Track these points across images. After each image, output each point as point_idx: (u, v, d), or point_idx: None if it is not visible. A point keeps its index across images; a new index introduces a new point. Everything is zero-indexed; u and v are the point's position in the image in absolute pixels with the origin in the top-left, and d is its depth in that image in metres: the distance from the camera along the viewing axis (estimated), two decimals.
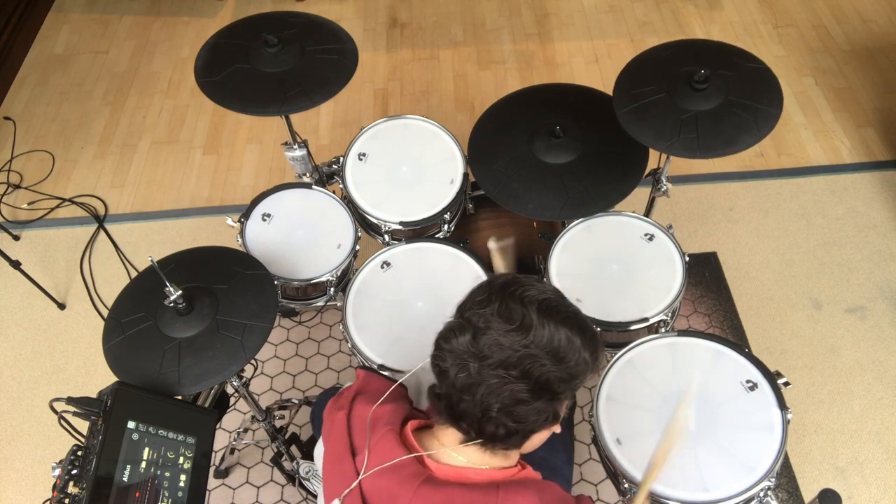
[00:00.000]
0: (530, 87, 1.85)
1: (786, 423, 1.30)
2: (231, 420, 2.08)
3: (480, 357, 0.88)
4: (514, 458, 0.99)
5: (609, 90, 1.63)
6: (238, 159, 2.80)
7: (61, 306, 2.39)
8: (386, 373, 1.47)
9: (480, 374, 0.88)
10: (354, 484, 0.95)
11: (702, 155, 1.46)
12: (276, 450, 1.82)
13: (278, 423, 1.82)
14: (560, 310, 0.91)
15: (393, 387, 1.07)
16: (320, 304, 1.75)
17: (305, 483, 1.44)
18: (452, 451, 0.96)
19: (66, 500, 1.02)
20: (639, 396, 1.38)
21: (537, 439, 0.97)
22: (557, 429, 0.98)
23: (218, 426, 1.99)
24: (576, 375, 0.91)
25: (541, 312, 0.89)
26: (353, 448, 0.99)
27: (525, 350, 0.87)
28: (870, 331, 2.20)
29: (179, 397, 1.26)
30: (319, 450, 1.08)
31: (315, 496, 1.68)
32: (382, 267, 1.65)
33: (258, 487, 1.98)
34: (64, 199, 2.70)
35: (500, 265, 1.42)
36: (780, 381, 1.36)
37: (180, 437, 1.18)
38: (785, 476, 1.92)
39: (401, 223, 1.74)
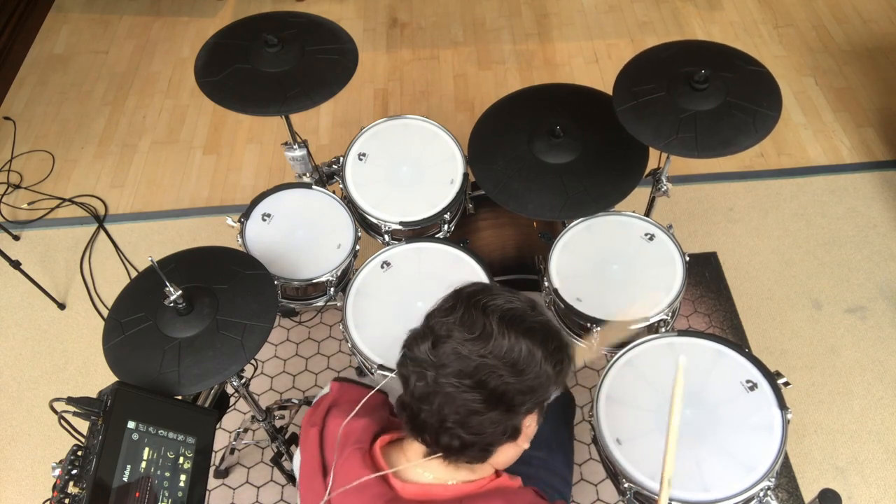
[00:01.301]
0: (530, 87, 1.85)
1: (786, 423, 1.30)
2: (231, 420, 2.08)
3: (438, 366, 0.87)
4: (481, 471, 0.96)
5: (609, 90, 1.63)
6: (238, 159, 2.80)
7: (61, 306, 2.39)
8: (385, 373, 1.47)
9: (437, 382, 0.86)
10: None
11: (699, 154, 1.46)
12: (276, 450, 1.82)
13: (278, 423, 1.82)
14: (524, 320, 0.89)
15: (367, 396, 1.05)
16: (320, 304, 1.75)
17: None
18: (419, 468, 0.94)
19: (66, 500, 1.02)
20: (639, 396, 1.38)
21: (503, 455, 0.95)
22: (525, 445, 0.96)
23: (218, 426, 1.98)
24: (535, 389, 0.88)
25: (502, 322, 0.87)
26: (324, 466, 0.98)
27: (482, 360, 0.85)
28: (870, 331, 2.19)
29: (179, 397, 1.26)
30: (298, 459, 1.07)
31: None
32: (382, 267, 1.65)
33: (258, 487, 1.98)
34: (64, 199, 2.70)
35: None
36: (780, 381, 1.36)
37: (180, 437, 1.18)
38: (785, 476, 1.92)
39: (401, 223, 1.74)
